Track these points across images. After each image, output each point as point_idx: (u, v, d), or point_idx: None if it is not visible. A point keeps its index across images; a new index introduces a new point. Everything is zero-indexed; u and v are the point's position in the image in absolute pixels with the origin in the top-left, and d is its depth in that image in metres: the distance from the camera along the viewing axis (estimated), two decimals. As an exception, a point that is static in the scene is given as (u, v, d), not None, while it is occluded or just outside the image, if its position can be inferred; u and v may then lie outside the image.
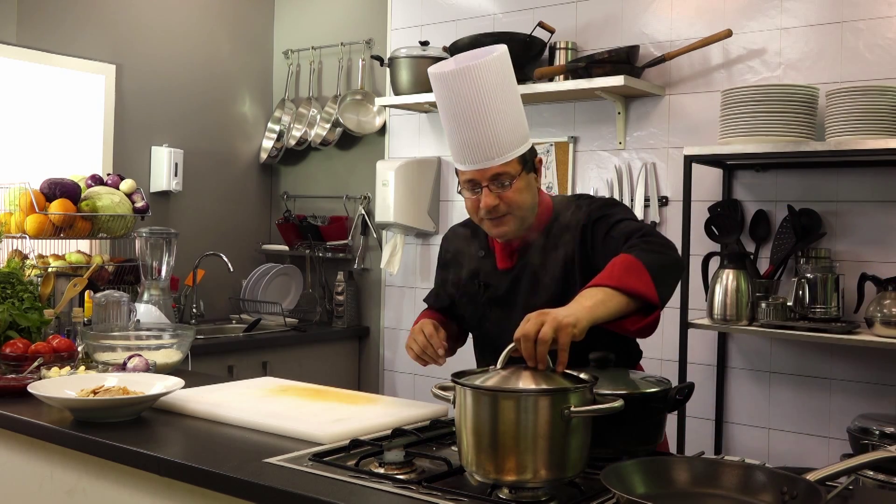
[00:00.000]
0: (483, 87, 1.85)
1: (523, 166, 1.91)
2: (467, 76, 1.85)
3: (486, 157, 1.87)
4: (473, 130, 1.86)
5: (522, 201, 1.92)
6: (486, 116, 1.86)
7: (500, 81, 1.88)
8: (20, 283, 2.65)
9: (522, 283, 1.98)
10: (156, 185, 4.28)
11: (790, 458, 3.12)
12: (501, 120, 1.86)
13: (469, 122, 1.86)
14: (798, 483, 1.33)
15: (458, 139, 1.89)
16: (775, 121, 2.88)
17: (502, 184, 1.89)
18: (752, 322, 3.00)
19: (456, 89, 1.86)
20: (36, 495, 2.04)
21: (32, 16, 3.83)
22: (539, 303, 1.87)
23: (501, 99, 1.87)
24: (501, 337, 1.91)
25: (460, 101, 1.86)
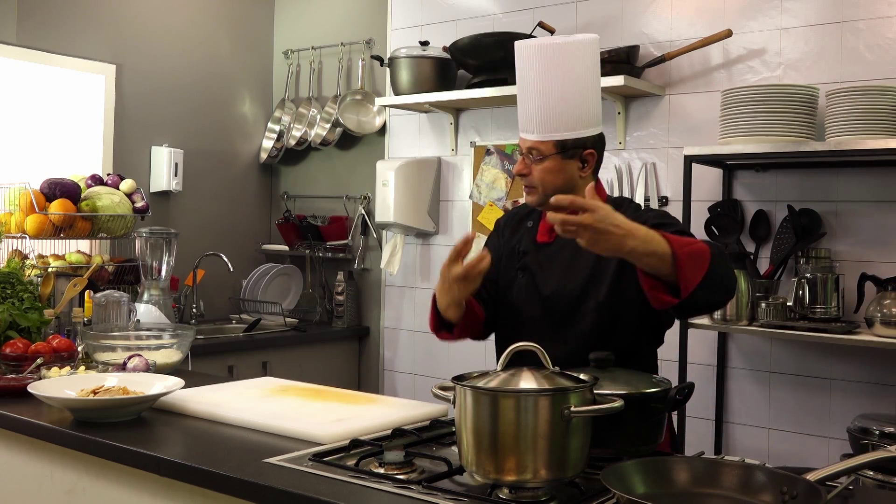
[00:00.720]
0: (548, 66, 1.99)
1: (560, 150, 2.02)
2: (540, 51, 2.01)
3: (530, 128, 2.04)
4: (527, 101, 2.04)
5: (547, 180, 2.03)
6: (540, 93, 2.01)
7: (569, 68, 1.99)
8: (20, 283, 2.65)
9: (556, 260, 2.09)
10: (156, 185, 4.29)
11: (790, 458, 3.12)
12: (552, 104, 2.00)
13: (527, 95, 2.04)
14: (798, 483, 1.33)
15: (520, 108, 2.07)
16: (775, 121, 2.88)
17: (533, 157, 2.04)
18: (752, 322, 3.00)
19: (527, 59, 2.03)
20: (36, 495, 2.04)
21: (32, 16, 3.83)
22: (564, 282, 2.04)
23: (563, 86, 1.99)
24: (523, 303, 2.09)
25: (528, 74, 2.02)
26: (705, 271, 1.72)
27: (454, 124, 4.05)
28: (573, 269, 2.06)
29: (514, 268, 2.15)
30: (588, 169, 2.07)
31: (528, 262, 2.13)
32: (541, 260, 2.11)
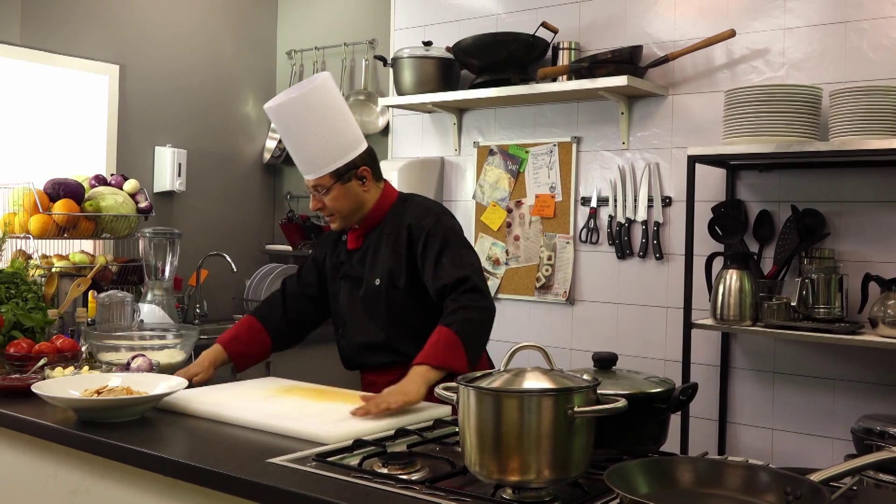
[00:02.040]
0: (298, 116, 2.31)
1: (337, 179, 2.35)
2: (283, 110, 2.32)
3: (306, 171, 2.37)
4: (294, 149, 2.36)
5: (340, 206, 2.38)
6: (301, 139, 2.33)
7: (314, 109, 2.31)
8: (24, 284, 2.66)
9: (366, 262, 2.42)
10: (159, 186, 4.29)
11: (794, 458, 3.11)
12: (312, 143, 2.32)
13: (291, 142, 2.36)
14: (802, 483, 1.33)
15: (293, 156, 2.39)
16: (779, 121, 2.87)
17: (320, 192, 2.36)
18: (756, 322, 2.99)
19: (280, 116, 2.34)
20: (40, 495, 2.04)
21: (36, 16, 3.84)
22: (376, 278, 2.37)
23: (314, 124, 2.30)
24: (345, 305, 2.46)
25: (284, 126, 2.35)
26: (464, 352, 2.14)
27: (457, 124, 4.05)
28: (377, 266, 2.39)
29: (337, 279, 2.50)
30: (369, 183, 2.40)
31: (345, 270, 2.48)
32: (353, 264, 2.46)
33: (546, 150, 3.77)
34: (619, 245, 3.55)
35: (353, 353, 2.49)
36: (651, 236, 3.48)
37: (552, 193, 3.75)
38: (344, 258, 2.50)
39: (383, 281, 2.38)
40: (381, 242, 2.41)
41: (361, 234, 2.46)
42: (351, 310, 2.46)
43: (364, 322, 2.43)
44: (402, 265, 2.35)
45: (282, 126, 2.36)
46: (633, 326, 3.52)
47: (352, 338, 2.47)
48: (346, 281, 2.48)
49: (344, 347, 2.52)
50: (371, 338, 2.42)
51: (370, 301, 2.41)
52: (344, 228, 2.46)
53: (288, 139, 2.37)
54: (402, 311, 2.39)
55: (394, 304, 2.38)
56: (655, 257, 3.47)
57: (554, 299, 3.72)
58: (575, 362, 3.56)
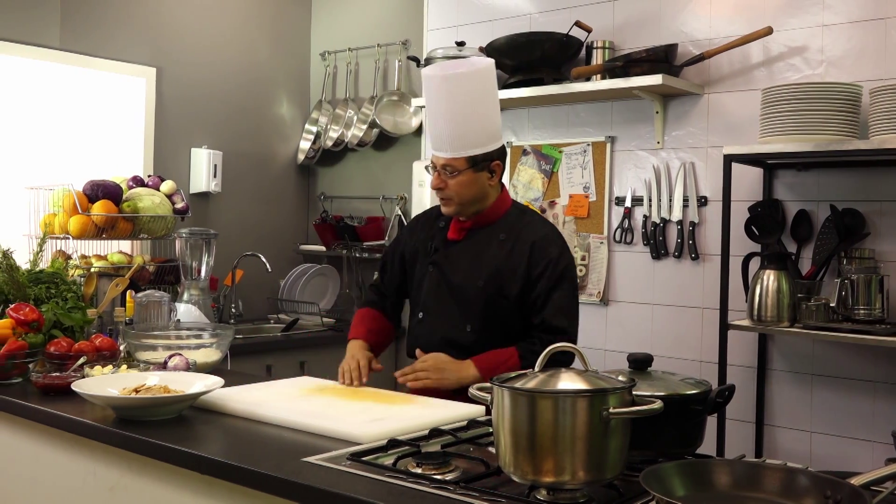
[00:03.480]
0: (454, 94, 2.28)
1: (471, 165, 2.33)
2: (447, 81, 2.28)
3: (440, 148, 2.34)
4: (438, 124, 2.32)
5: (463, 192, 2.35)
6: (449, 116, 2.29)
7: (471, 90, 2.29)
8: (64, 283, 2.70)
9: (466, 257, 2.41)
10: (195, 187, 4.34)
11: (833, 462, 3.07)
12: (460, 123, 2.29)
13: (438, 116, 2.32)
14: (842, 487, 1.31)
15: (430, 127, 2.37)
16: (817, 119, 2.83)
17: (448, 173, 2.34)
18: (794, 324, 2.95)
19: (436, 87, 2.30)
20: (80, 491, 2.07)
21: (75, 20, 3.90)
22: (479, 278, 2.36)
23: (467, 105, 2.29)
24: (432, 292, 2.44)
25: (436, 98, 2.31)
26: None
27: (491, 124, 4.04)
28: (479, 263, 2.38)
29: (426, 263, 2.47)
30: (496, 178, 2.40)
31: (438, 259, 2.45)
32: (450, 255, 2.44)
33: (580, 150, 3.76)
34: (654, 245, 3.52)
35: (430, 345, 2.42)
36: (686, 236, 3.45)
37: (586, 193, 3.73)
38: (440, 245, 2.46)
39: (489, 284, 2.36)
40: (492, 245, 2.39)
41: (467, 228, 2.44)
42: (438, 300, 2.44)
43: (454, 317, 2.40)
44: (516, 277, 2.34)
45: (436, 95, 2.31)
46: (668, 327, 3.49)
47: (434, 329, 2.44)
48: (436, 268, 2.45)
49: (420, 336, 2.47)
50: (458, 336, 2.39)
51: (467, 299, 2.39)
52: (455, 215, 2.42)
53: (436, 110, 2.31)
54: (500, 320, 2.37)
55: (493, 310, 2.37)
56: (691, 257, 3.43)
57: (588, 300, 3.70)
58: (609, 363, 3.54)
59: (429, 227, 2.54)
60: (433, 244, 2.48)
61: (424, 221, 2.58)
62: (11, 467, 2.30)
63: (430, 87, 2.33)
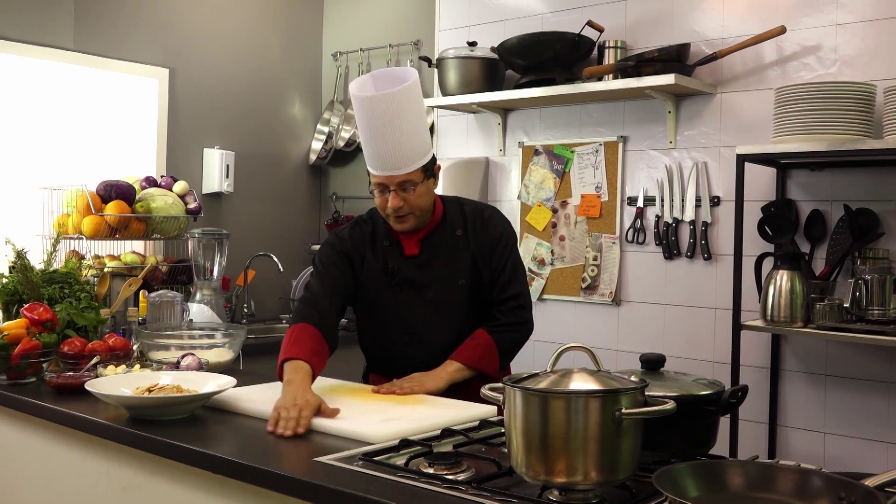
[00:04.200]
0: (395, 110, 2.21)
1: (425, 174, 2.31)
2: (383, 101, 2.21)
3: (395, 166, 2.26)
4: (385, 144, 2.23)
5: (423, 203, 2.33)
6: (396, 134, 2.23)
7: (409, 105, 2.25)
8: (77, 283, 2.71)
9: (431, 265, 2.40)
10: (208, 187, 4.35)
11: (847, 463, 3.05)
12: (408, 137, 2.24)
13: (383, 137, 2.23)
14: (856, 489, 1.30)
15: (372, 150, 2.27)
16: (831, 119, 2.82)
17: (406, 189, 2.28)
18: (807, 324, 2.94)
19: (373, 109, 2.22)
20: (93, 490, 2.08)
21: (88, 22, 3.92)
22: (458, 278, 2.38)
23: (409, 120, 2.24)
24: (411, 312, 2.40)
25: (376, 120, 2.22)
26: (498, 361, 2.36)
27: (502, 124, 4.04)
28: (451, 264, 2.40)
29: (390, 286, 2.41)
30: (436, 180, 2.40)
31: (405, 277, 2.40)
32: (416, 270, 2.40)
33: (592, 150, 3.75)
34: (666, 245, 3.51)
35: (430, 363, 2.35)
36: (699, 236, 3.43)
37: (598, 193, 3.72)
38: (399, 265, 2.40)
39: (468, 279, 2.40)
40: (454, 243, 2.41)
41: (419, 239, 2.40)
42: (421, 317, 2.41)
43: (443, 326, 2.41)
44: (487, 262, 2.41)
45: (372, 118, 2.22)
46: (681, 327, 3.48)
47: (429, 344, 2.40)
48: (406, 287, 2.40)
49: (415, 356, 2.40)
50: (455, 340, 2.39)
51: (451, 303, 2.40)
52: (411, 230, 2.36)
53: (377, 132, 2.23)
54: (479, 310, 2.43)
55: (477, 301, 2.43)
56: (703, 258, 3.42)
57: (600, 300, 3.70)
58: (621, 364, 3.53)
59: (372, 249, 2.42)
60: (391, 265, 2.40)
61: (360, 241, 2.43)
62: (26, 466, 2.31)
63: (368, 110, 2.23)
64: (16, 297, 2.63)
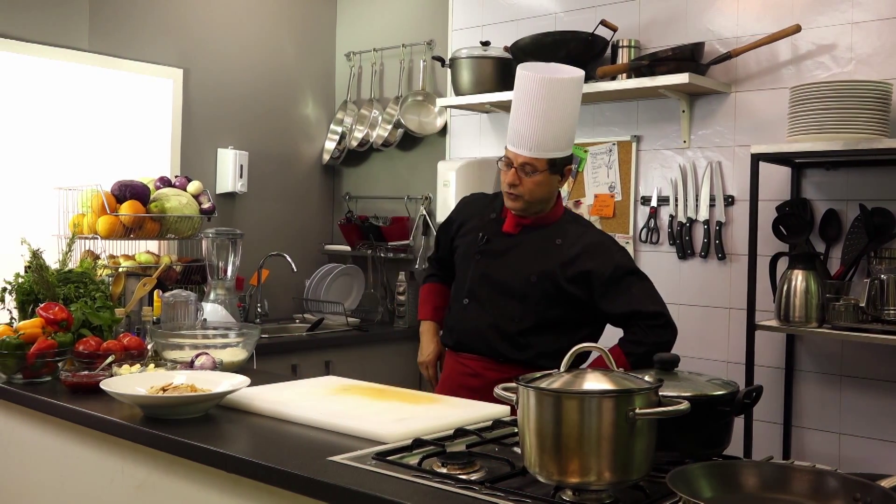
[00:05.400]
0: (554, 97, 2.36)
1: (549, 167, 2.43)
2: (546, 85, 2.37)
3: (526, 147, 2.41)
4: (528, 125, 2.39)
5: (536, 192, 2.44)
6: (542, 120, 2.37)
7: (568, 98, 2.40)
8: (92, 283, 2.73)
9: (515, 249, 2.50)
10: (221, 187, 4.36)
11: (862, 464, 3.03)
12: (552, 127, 2.38)
13: (530, 117, 2.38)
14: (872, 490, 1.29)
15: (516, 126, 2.43)
16: (846, 118, 2.80)
17: (527, 172, 2.42)
18: (823, 324, 2.92)
19: (534, 91, 2.37)
20: (107, 489, 2.09)
21: (103, 23, 3.94)
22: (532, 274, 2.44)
23: (560, 111, 2.39)
24: (479, 278, 2.52)
25: (534, 99, 2.37)
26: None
27: (515, 124, 4.03)
28: (533, 260, 2.46)
29: (474, 251, 2.56)
30: (564, 182, 2.53)
31: (488, 247, 2.54)
32: (502, 248, 2.52)
33: (605, 150, 3.74)
34: (680, 245, 3.50)
35: (477, 331, 2.52)
36: (713, 236, 3.42)
37: (611, 193, 3.71)
38: (492, 236, 2.55)
39: (542, 282, 2.45)
40: (548, 246, 2.48)
41: (524, 225, 2.53)
42: (485, 289, 2.52)
43: (503, 308, 2.49)
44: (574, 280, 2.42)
45: (531, 95, 2.38)
46: (695, 328, 3.47)
47: (481, 316, 2.52)
48: (483, 258, 2.54)
49: (466, 321, 2.55)
50: (507, 326, 2.48)
51: (517, 292, 2.47)
52: (519, 212, 2.50)
53: (528, 110, 2.38)
54: (547, 316, 2.46)
55: (542, 307, 2.45)
56: (718, 257, 3.41)
57: (613, 300, 3.68)
58: (635, 364, 3.51)
59: (480, 214, 2.62)
60: (485, 234, 2.56)
61: (477, 206, 2.67)
62: (41, 465, 2.32)
63: (526, 87, 2.39)
64: (31, 297, 2.64)
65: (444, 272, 2.79)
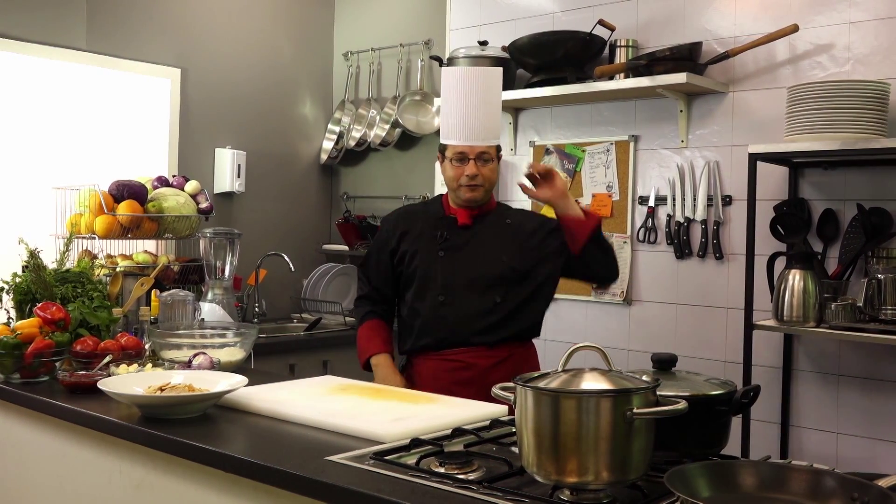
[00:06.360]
0: (488, 87, 2.56)
1: (498, 152, 2.62)
2: (481, 76, 2.57)
3: (481, 137, 2.56)
4: (475, 116, 2.54)
5: (493, 178, 2.63)
6: (486, 108, 2.55)
7: (496, 86, 2.60)
8: (90, 283, 2.72)
9: (476, 238, 2.62)
10: (219, 187, 4.36)
11: (860, 463, 3.03)
12: (493, 113, 2.58)
13: (474, 108, 2.53)
14: (869, 489, 1.30)
15: (460, 121, 2.55)
16: (844, 117, 2.80)
17: (484, 161, 2.58)
18: (820, 324, 2.92)
19: (469, 82, 2.54)
20: (105, 489, 2.09)
21: (101, 22, 3.94)
22: (491, 255, 2.58)
23: (495, 99, 2.60)
24: (450, 273, 2.59)
25: (472, 92, 2.53)
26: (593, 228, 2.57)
27: (513, 124, 4.04)
28: (499, 242, 2.60)
29: (434, 250, 2.63)
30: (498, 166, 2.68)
31: (452, 243, 2.62)
32: (463, 239, 2.63)
33: (603, 149, 3.74)
34: (678, 245, 3.50)
35: (459, 323, 2.58)
36: (711, 236, 3.42)
37: (609, 193, 3.72)
38: (450, 233, 2.64)
39: (513, 259, 2.59)
40: (504, 227, 2.64)
41: (473, 216, 2.65)
42: (459, 281, 2.59)
43: (480, 293, 2.58)
44: (536, 250, 2.61)
45: (468, 90, 2.53)
46: (692, 327, 3.47)
47: (461, 307, 2.59)
48: (449, 253, 2.62)
49: (448, 316, 2.59)
50: (488, 308, 2.57)
51: (491, 275, 2.58)
52: (477, 202, 2.62)
53: (468, 102, 2.54)
54: (523, 289, 2.59)
55: (517, 281, 2.58)
56: (715, 257, 3.41)
57: (611, 299, 3.69)
58: (632, 363, 3.52)
59: (422, 219, 2.69)
60: (442, 232, 2.64)
61: (412, 216, 2.74)
62: (38, 465, 2.32)
63: (461, 81, 2.55)
64: (29, 297, 2.64)
65: (379, 307, 2.78)
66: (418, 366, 2.66)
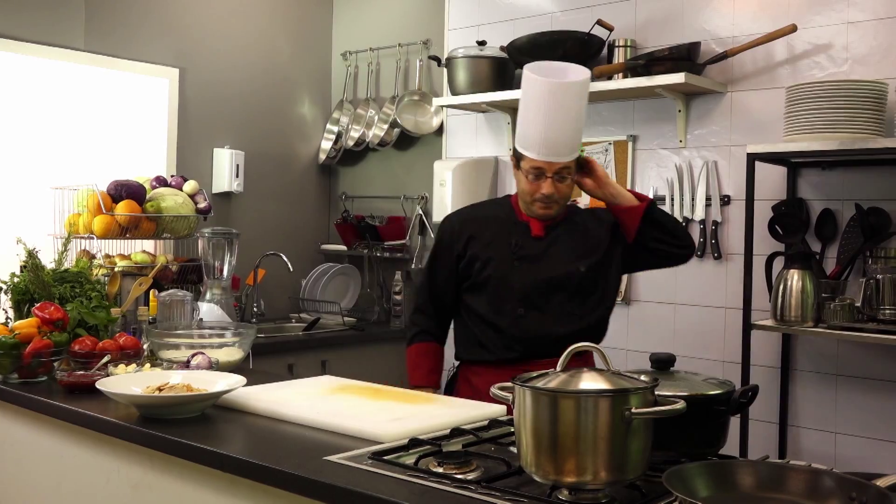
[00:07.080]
0: (572, 99, 2.32)
1: (577, 166, 2.42)
2: (569, 90, 2.32)
3: (561, 154, 2.34)
4: (557, 131, 2.32)
5: (570, 194, 2.46)
6: (569, 123, 2.33)
7: (583, 96, 2.36)
8: (88, 283, 2.72)
9: (551, 249, 2.47)
10: (218, 186, 4.36)
11: (858, 463, 3.04)
12: (576, 128, 2.35)
13: (557, 123, 2.31)
14: (868, 489, 1.30)
15: (541, 135, 2.33)
16: (842, 117, 2.81)
17: (562, 177, 2.38)
18: (818, 324, 2.92)
19: (554, 95, 2.30)
20: (104, 489, 2.09)
21: (99, 22, 3.93)
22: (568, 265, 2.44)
23: (580, 111, 2.35)
24: (528, 285, 2.44)
25: (555, 106, 2.31)
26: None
27: (512, 124, 4.04)
28: (574, 252, 2.46)
29: (509, 260, 2.47)
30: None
31: (526, 253, 2.46)
32: (539, 249, 2.47)
33: (601, 149, 3.74)
34: (677, 245, 3.50)
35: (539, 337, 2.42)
36: (709, 236, 3.42)
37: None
38: (522, 241, 2.48)
39: (589, 268, 2.46)
40: (577, 232, 2.50)
41: (546, 225, 2.49)
42: (538, 293, 2.45)
43: (561, 305, 2.45)
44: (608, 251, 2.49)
45: (551, 104, 2.31)
46: (691, 327, 3.47)
47: (543, 321, 2.44)
48: (524, 263, 2.46)
49: (529, 329, 2.44)
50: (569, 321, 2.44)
51: (570, 285, 2.45)
52: (552, 217, 2.47)
53: (552, 118, 2.32)
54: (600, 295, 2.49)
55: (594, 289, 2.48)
56: (714, 257, 3.41)
57: (609, 299, 3.68)
58: (631, 363, 3.52)
59: (495, 224, 2.53)
60: (515, 241, 2.48)
61: (483, 218, 2.57)
62: (37, 464, 2.32)
63: (542, 92, 2.32)
64: (27, 297, 2.64)
65: (435, 322, 2.63)
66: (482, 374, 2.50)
